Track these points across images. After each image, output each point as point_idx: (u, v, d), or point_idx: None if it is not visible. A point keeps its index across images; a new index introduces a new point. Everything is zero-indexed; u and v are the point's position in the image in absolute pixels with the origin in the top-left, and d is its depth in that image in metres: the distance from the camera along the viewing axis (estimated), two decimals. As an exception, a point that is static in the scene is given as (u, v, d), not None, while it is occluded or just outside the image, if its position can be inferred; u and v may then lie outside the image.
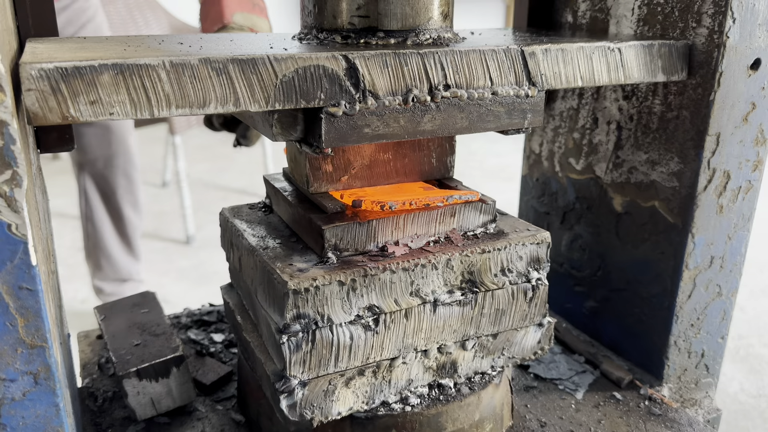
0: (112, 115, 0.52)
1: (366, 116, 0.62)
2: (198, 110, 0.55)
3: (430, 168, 0.80)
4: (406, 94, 0.63)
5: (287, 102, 0.58)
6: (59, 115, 0.50)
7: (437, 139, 0.78)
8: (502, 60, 0.67)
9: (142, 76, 0.52)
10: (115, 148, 1.91)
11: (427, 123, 0.65)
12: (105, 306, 0.96)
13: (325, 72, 0.59)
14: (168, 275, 2.47)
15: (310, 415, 0.68)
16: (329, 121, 0.61)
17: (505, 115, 0.69)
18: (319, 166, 0.73)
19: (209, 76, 0.55)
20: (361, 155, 0.75)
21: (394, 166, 0.78)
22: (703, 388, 0.98)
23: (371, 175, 0.77)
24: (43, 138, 0.74)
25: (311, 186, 0.74)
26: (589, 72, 0.73)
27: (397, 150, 0.77)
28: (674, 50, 0.79)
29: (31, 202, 0.51)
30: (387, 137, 0.64)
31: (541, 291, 0.76)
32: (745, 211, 0.89)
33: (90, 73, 0.50)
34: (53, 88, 0.49)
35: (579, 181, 1.03)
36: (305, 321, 0.65)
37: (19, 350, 0.50)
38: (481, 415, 0.76)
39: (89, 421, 0.84)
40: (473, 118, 0.67)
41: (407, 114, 0.64)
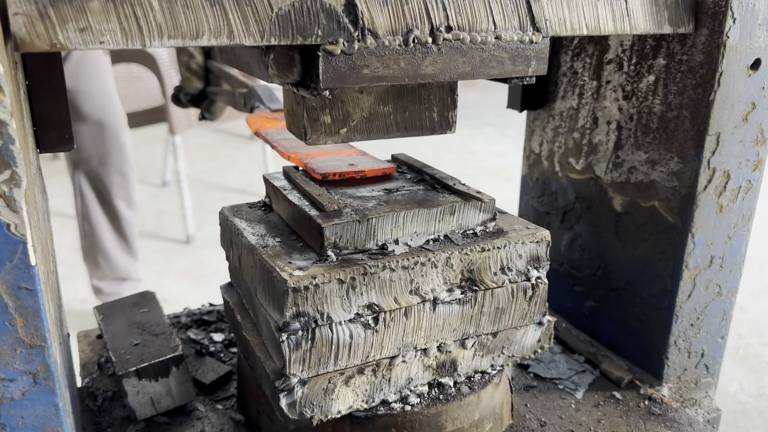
0: (103, 44, 0.50)
1: (365, 56, 0.60)
2: (191, 41, 0.53)
3: (432, 122, 0.77)
4: (407, 35, 0.61)
5: (283, 37, 0.56)
6: (47, 41, 0.49)
7: (438, 92, 0.75)
8: (505, 3, 0.65)
9: (133, 4, 0.51)
10: (108, 145, 1.91)
11: (428, 66, 0.63)
12: (104, 306, 0.96)
13: (323, 7, 0.57)
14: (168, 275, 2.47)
15: (310, 414, 0.68)
16: (327, 60, 0.59)
17: (509, 62, 0.67)
18: (317, 117, 0.71)
19: (202, 6, 0.53)
20: (360, 107, 0.73)
21: (394, 120, 0.75)
22: (703, 387, 0.98)
23: (371, 128, 0.74)
24: (43, 138, 0.74)
25: (309, 137, 0.71)
26: (594, 20, 0.71)
27: (398, 102, 0.74)
28: (681, 1, 0.77)
29: (31, 202, 0.51)
30: (387, 79, 0.62)
31: (540, 289, 0.76)
32: (745, 210, 0.89)
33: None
34: (41, 13, 0.48)
35: (579, 181, 1.03)
36: (305, 319, 0.65)
37: (18, 350, 0.50)
38: (480, 414, 0.76)
39: (89, 420, 0.84)
40: (476, 63, 0.66)
41: (407, 56, 0.62)
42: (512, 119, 4.85)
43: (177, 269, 2.51)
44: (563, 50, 1.03)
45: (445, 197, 0.76)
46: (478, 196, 0.76)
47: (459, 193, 0.77)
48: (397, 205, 0.73)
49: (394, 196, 0.76)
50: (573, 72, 1.01)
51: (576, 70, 1.00)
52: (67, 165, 1.97)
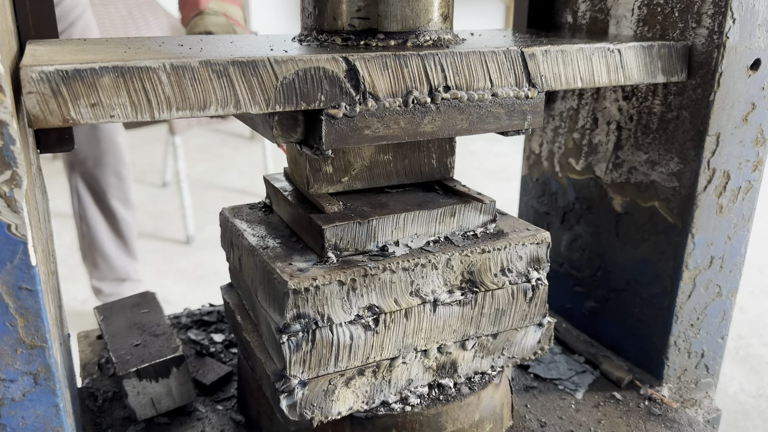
0: (113, 118, 0.52)
1: (366, 118, 0.62)
2: (198, 112, 0.55)
3: (431, 169, 0.80)
4: (407, 96, 0.63)
5: (288, 104, 0.58)
6: (60, 117, 0.50)
7: (437, 140, 0.78)
8: (502, 61, 0.67)
9: (142, 79, 0.52)
10: (104, 146, 1.91)
11: (428, 124, 0.65)
12: (105, 306, 0.97)
13: (326, 74, 0.59)
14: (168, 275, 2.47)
15: (310, 415, 0.68)
16: (329, 123, 0.61)
17: (505, 117, 0.69)
18: (319, 168, 0.73)
19: (210, 79, 0.55)
20: (361, 156, 0.75)
21: (394, 167, 0.78)
22: (703, 388, 0.98)
23: (371, 176, 0.77)
24: (43, 138, 0.74)
25: (311, 187, 0.74)
26: (588, 73, 0.73)
27: (397, 151, 0.77)
28: (674, 51, 0.79)
29: (31, 203, 0.51)
30: (387, 139, 0.64)
31: (540, 291, 0.76)
32: (745, 211, 0.89)
33: (90, 76, 0.50)
34: (54, 91, 0.49)
35: (579, 182, 1.03)
36: (305, 321, 0.65)
37: (18, 350, 0.50)
38: (480, 415, 0.76)
39: (89, 421, 0.84)
40: (473, 120, 0.67)
41: (407, 115, 0.64)
42: (512, 119, 4.83)
43: (177, 270, 2.51)
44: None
45: (446, 199, 0.76)
46: (478, 198, 0.76)
47: (459, 194, 0.77)
48: (398, 206, 0.73)
49: (394, 198, 0.76)
50: (573, 73, 1.01)
51: (576, 71, 1.01)
52: (64, 167, 1.97)
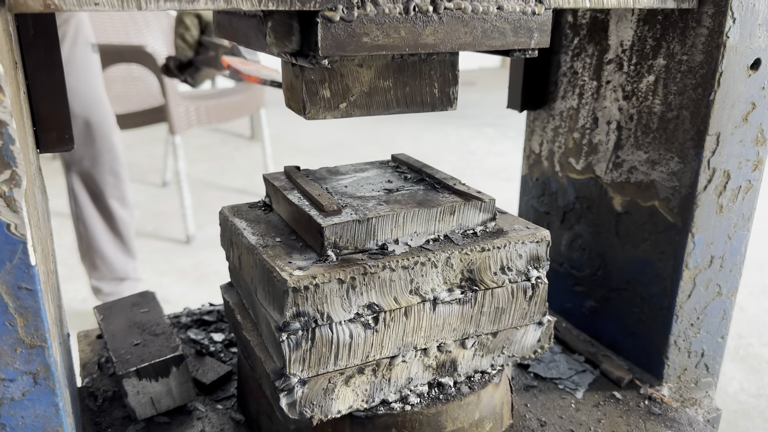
0: (97, 6, 0.49)
1: (365, 24, 0.60)
2: (187, 5, 0.53)
3: (433, 98, 0.76)
4: (408, 2, 0.61)
5: (281, 2, 0.55)
6: (41, 1, 0.48)
7: (439, 68, 0.75)
8: None
9: None
10: (99, 145, 1.91)
11: (429, 35, 0.63)
12: (105, 306, 0.96)
13: None
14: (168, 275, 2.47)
15: (310, 414, 0.68)
16: (326, 27, 0.58)
17: (511, 33, 0.66)
18: (316, 91, 0.70)
19: None
20: (360, 81, 0.72)
21: (394, 95, 0.74)
22: (703, 387, 0.98)
23: (370, 103, 0.73)
24: (43, 138, 0.74)
25: (308, 112, 0.70)
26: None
27: (398, 77, 0.73)
28: None
29: (30, 202, 0.51)
30: (387, 48, 0.61)
31: (540, 289, 0.76)
32: (745, 210, 0.89)
33: None
34: None
35: (579, 181, 1.03)
36: (305, 319, 0.65)
37: (18, 350, 0.50)
38: (480, 414, 0.76)
39: (89, 420, 0.84)
40: (477, 34, 0.65)
41: (408, 24, 0.62)
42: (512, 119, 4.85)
43: (177, 269, 2.51)
44: (563, 50, 1.03)
45: (445, 197, 0.76)
46: (478, 196, 0.76)
47: (459, 193, 0.77)
48: (397, 205, 0.73)
49: (394, 196, 0.76)
50: (573, 72, 1.01)
51: (576, 70, 1.01)
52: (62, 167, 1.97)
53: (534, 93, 1.08)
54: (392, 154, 0.93)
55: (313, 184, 0.79)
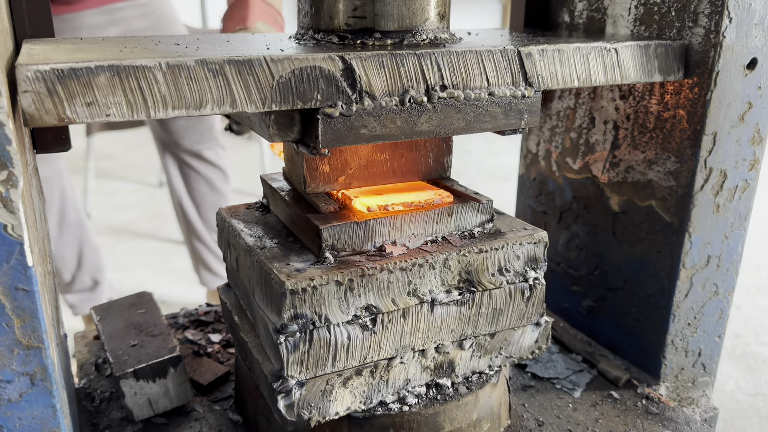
0: (109, 116, 0.51)
1: (363, 117, 0.62)
2: (194, 111, 0.55)
3: (428, 168, 0.80)
4: (403, 95, 0.63)
5: (284, 103, 0.58)
6: (56, 116, 0.50)
7: (434, 139, 0.78)
8: (498, 60, 0.67)
9: (138, 78, 0.52)
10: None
11: (424, 123, 0.65)
12: (102, 306, 0.96)
13: (322, 73, 0.59)
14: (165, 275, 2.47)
15: (308, 415, 0.68)
16: (326, 122, 0.61)
17: (502, 116, 0.69)
18: (316, 167, 0.73)
19: (206, 78, 0.54)
20: (358, 155, 0.75)
21: (391, 166, 0.77)
22: (700, 386, 0.98)
23: (368, 175, 0.77)
24: (39, 138, 0.74)
25: (308, 186, 0.74)
26: (585, 72, 0.73)
27: (394, 150, 0.77)
28: (671, 50, 0.79)
29: (27, 203, 0.51)
30: (384, 138, 0.64)
31: (538, 290, 0.76)
32: (742, 210, 0.89)
33: (86, 75, 0.50)
34: (49, 90, 0.49)
35: (576, 181, 1.03)
36: (303, 321, 0.65)
37: (15, 351, 0.50)
38: (478, 414, 0.77)
39: (86, 421, 0.84)
40: (470, 119, 0.67)
41: (404, 115, 0.64)
42: (509, 119, 4.84)
43: (174, 270, 2.51)
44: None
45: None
46: (475, 197, 0.76)
47: (457, 194, 0.77)
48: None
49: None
50: (570, 72, 1.01)
51: (573, 70, 1.01)
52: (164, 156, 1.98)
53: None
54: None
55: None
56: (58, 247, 1.81)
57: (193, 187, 2.01)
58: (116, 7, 1.69)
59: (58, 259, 1.84)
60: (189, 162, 1.97)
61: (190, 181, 2.01)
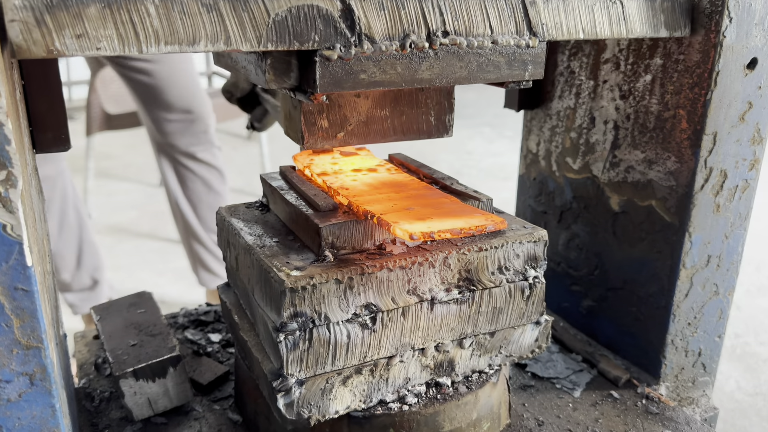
0: (99, 50, 0.50)
1: (362, 61, 0.60)
2: (187, 47, 0.53)
3: (429, 126, 0.77)
4: (404, 40, 0.61)
5: (280, 43, 0.56)
6: (44, 48, 0.48)
7: (435, 96, 0.76)
8: (502, 8, 0.65)
9: (130, 10, 0.51)
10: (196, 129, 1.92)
11: (425, 71, 0.64)
12: (101, 306, 0.96)
13: (320, 12, 0.57)
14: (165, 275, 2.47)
15: (308, 414, 0.68)
16: (324, 65, 0.59)
17: (506, 66, 0.67)
18: (314, 121, 0.71)
19: (199, 12, 0.53)
20: (357, 111, 0.73)
21: (391, 123, 0.75)
22: (700, 386, 0.98)
23: (368, 132, 0.74)
24: (39, 138, 0.74)
25: (306, 142, 0.72)
26: (590, 24, 0.71)
27: (395, 106, 0.75)
28: (677, 5, 0.77)
29: (27, 203, 0.51)
30: (384, 84, 0.62)
31: (538, 289, 0.76)
32: (742, 210, 0.89)
33: (76, 5, 0.49)
34: (37, 19, 0.48)
35: (576, 181, 1.03)
36: (302, 319, 0.64)
37: (14, 351, 0.50)
38: (478, 413, 0.76)
39: (86, 421, 0.84)
40: (472, 68, 0.66)
41: (404, 60, 0.62)
42: (509, 119, 4.85)
43: (174, 269, 2.51)
44: (560, 50, 1.03)
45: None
46: (475, 196, 0.76)
47: (456, 192, 0.77)
48: (395, 204, 0.73)
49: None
50: (570, 71, 1.01)
51: (573, 70, 1.01)
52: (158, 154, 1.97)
53: (531, 93, 1.08)
54: (389, 154, 0.93)
55: (310, 183, 0.79)
56: (57, 246, 1.81)
57: (189, 188, 2.01)
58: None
59: (58, 258, 1.83)
60: (184, 163, 1.97)
61: (186, 182, 2.00)
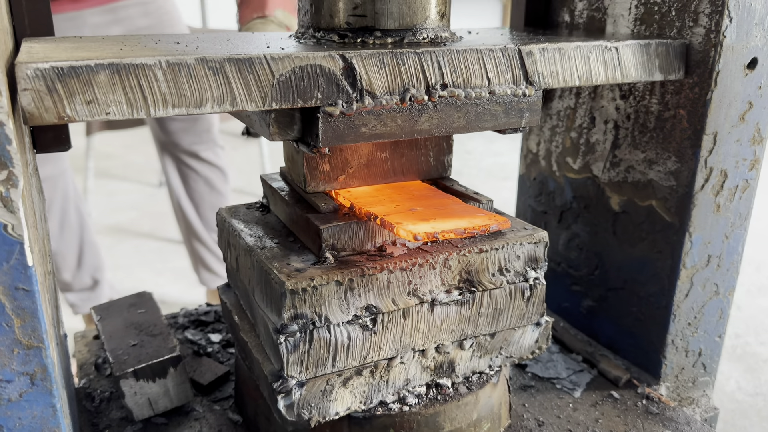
0: (108, 115, 0.51)
1: (363, 116, 0.62)
2: (195, 110, 0.55)
3: (428, 167, 0.80)
4: (404, 94, 0.63)
5: (284, 101, 0.58)
6: (55, 114, 0.50)
7: (435, 138, 0.78)
8: (499, 59, 0.67)
9: (138, 76, 0.52)
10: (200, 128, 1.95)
11: (425, 122, 0.65)
12: (102, 306, 0.96)
13: (322, 71, 0.59)
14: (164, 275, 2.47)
15: (308, 415, 0.68)
16: (326, 121, 0.60)
17: (503, 115, 0.69)
18: (316, 166, 0.73)
19: (206, 76, 0.54)
20: (358, 154, 0.75)
21: (391, 165, 0.77)
22: (701, 386, 0.98)
23: (369, 174, 0.77)
24: (39, 138, 0.74)
25: (308, 185, 0.74)
26: (586, 71, 0.73)
27: (395, 149, 0.77)
28: (671, 49, 0.79)
29: (27, 203, 0.51)
30: (384, 136, 0.64)
31: (538, 290, 0.76)
32: (742, 209, 0.89)
33: (86, 73, 0.50)
34: (49, 88, 0.49)
35: (576, 181, 1.03)
36: (303, 321, 0.64)
37: (15, 351, 0.50)
38: (478, 414, 0.76)
39: (86, 421, 0.84)
40: (470, 118, 0.67)
41: (404, 113, 0.64)
42: (509, 119, 4.84)
43: (174, 270, 2.51)
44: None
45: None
46: (475, 197, 0.76)
47: (457, 193, 0.77)
48: (395, 205, 0.73)
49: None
50: (570, 72, 1.01)
51: (573, 70, 1.01)
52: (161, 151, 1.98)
53: (531, 93, 1.08)
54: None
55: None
56: (58, 246, 1.81)
57: (192, 187, 2.01)
58: (119, 6, 1.69)
59: (59, 258, 1.83)
60: (187, 162, 1.97)
61: (189, 181, 2.00)
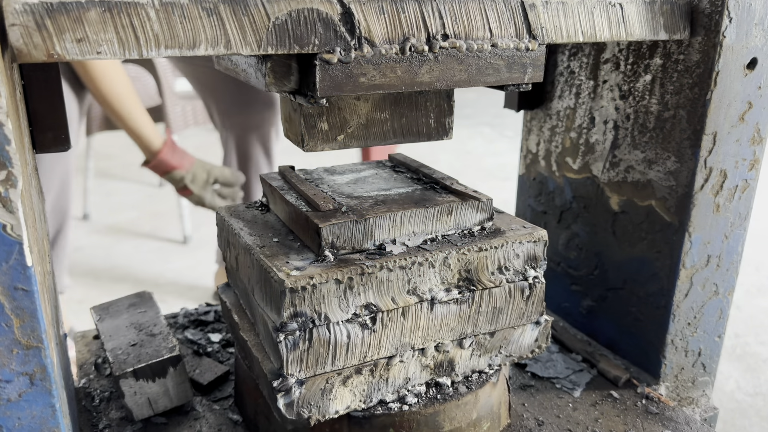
0: (100, 54, 0.50)
1: (362, 64, 0.61)
2: (188, 51, 0.53)
3: (428, 129, 0.77)
4: (403, 43, 0.61)
5: (280, 46, 0.56)
6: (45, 52, 0.49)
7: (435, 99, 0.76)
8: (501, 11, 0.65)
9: (130, 14, 0.51)
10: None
11: (425, 74, 0.64)
12: (101, 306, 0.96)
13: (320, 16, 0.57)
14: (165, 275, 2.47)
15: (308, 414, 0.68)
16: (324, 69, 0.59)
17: (505, 69, 0.67)
18: (314, 124, 0.71)
19: (199, 16, 0.53)
20: (357, 113, 0.73)
21: (391, 126, 0.75)
22: (700, 386, 0.98)
23: (367, 135, 0.74)
24: (39, 138, 0.74)
25: (306, 144, 0.72)
26: (590, 27, 0.71)
27: (395, 109, 0.75)
28: (676, 8, 0.78)
29: (27, 203, 0.51)
30: (383, 87, 0.62)
31: (538, 289, 0.76)
32: (742, 210, 0.89)
33: (76, 9, 0.49)
34: (38, 24, 0.48)
35: (576, 181, 1.03)
36: (302, 319, 0.64)
37: (14, 351, 0.50)
38: (478, 413, 0.76)
39: (86, 421, 0.84)
40: (472, 71, 0.66)
41: (404, 64, 0.62)
42: (509, 119, 4.85)
43: (174, 269, 2.51)
44: (560, 50, 1.03)
45: (443, 197, 0.76)
46: (475, 196, 0.76)
47: (456, 192, 0.77)
48: (395, 204, 0.73)
49: (391, 196, 0.76)
50: (570, 72, 1.01)
51: (573, 70, 1.01)
52: None
53: (531, 93, 1.08)
54: (389, 154, 0.93)
55: (309, 184, 0.79)
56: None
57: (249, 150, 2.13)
58: None
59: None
60: (251, 145, 2.10)
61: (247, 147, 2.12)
